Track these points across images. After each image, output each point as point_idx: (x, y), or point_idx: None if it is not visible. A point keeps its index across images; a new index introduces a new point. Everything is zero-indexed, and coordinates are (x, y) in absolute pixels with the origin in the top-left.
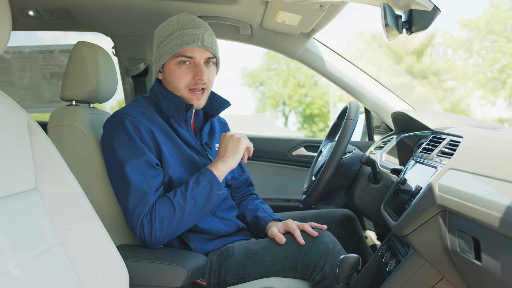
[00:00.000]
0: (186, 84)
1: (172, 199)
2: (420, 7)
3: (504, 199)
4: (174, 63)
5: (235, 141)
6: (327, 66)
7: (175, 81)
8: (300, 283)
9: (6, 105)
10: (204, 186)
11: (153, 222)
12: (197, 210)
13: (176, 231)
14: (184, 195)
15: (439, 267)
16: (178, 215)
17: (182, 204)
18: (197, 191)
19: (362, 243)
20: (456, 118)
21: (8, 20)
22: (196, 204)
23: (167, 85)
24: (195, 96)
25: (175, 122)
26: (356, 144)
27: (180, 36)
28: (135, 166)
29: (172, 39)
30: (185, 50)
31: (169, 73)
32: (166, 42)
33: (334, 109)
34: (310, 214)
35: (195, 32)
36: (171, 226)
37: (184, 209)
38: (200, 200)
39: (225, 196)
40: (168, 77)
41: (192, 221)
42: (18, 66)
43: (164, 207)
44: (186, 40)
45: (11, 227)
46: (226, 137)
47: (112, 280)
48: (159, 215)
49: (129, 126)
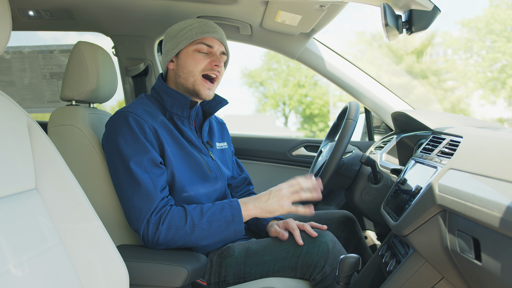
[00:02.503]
0: (202, 68)
1: (188, 212)
2: (420, 7)
3: (504, 199)
4: (192, 49)
5: (279, 200)
6: (327, 66)
7: (191, 65)
8: (300, 283)
9: (6, 105)
10: (226, 216)
11: (160, 225)
12: (208, 235)
13: (180, 244)
14: (203, 214)
15: (439, 267)
16: (187, 230)
17: (196, 221)
18: (216, 218)
19: (362, 245)
20: (456, 118)
21: (8, 20)
22: (210, 229)
23: (181, 72)
24: (207, 84)
25: (178, 120)
26: (356, 144)
27: (200, 26)
28: (139, 164)
29: (192, 29)
30: (205, 39)
31: (185, 58)
32: (186, 31)
33: (334, 109)
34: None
35: (213, 26)
36: (176, 237)
37: (195, 227)
38: (215, 227)
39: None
40: (183, 62)
41: (199, 242)
42: (18, 66)
43: (176, 217)
44: (206, 29)
45: (11, 227)
46: (278, 190)
47: (112, 280)
48: (168, 222)
49: (133, 124)
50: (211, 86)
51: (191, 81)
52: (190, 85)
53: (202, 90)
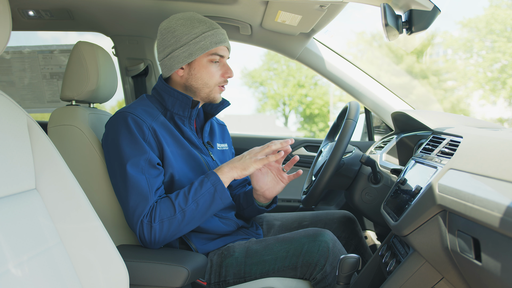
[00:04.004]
0: (217, 81)
1: (173, 200)
2: (420, 7)
3: (504, 199)
4: (207, 60)
5: (251, 158)
6: (327, 66)
7: (206, 78)
8: (300, 283)
9: (6, 105)
10: (208, 189)
11: (152, 223)
12: (199, 213)
13: (177, 233)
14: (186, 197)
15: (439, 267)
16: (179, 217)
17: (183, 206)
18: (200, 194)
19: (362, 245)
20: (456, 118)
21: (8, 20)
22: (198, 207)
23: (195, 82)
24: (221, 90)
25: (179, 120)
26: (356, 144)
27: (213, 35)
28: (136, 165)
29: (206, 37)
30: (219, 49)
31: (199, 69)
32: (199, 39)
33: (334, 109)
34: (310, 215)
35: (223, 32)
36: (171, 227)
37: (185, 211)
38: (202, 203)
39: (230, 200)
40: (197, 73)
41: (194, 224)
42: (18, 66)
43: (165, 208)
44: (219, 39)
45: (11, 227)
46: (251, 151)
47: (112, 280)
48: (159, 216)
49: (131, 125)
50: (223, 90)
51: (206, 91)
52: (204, 94)
53: (217, 97)
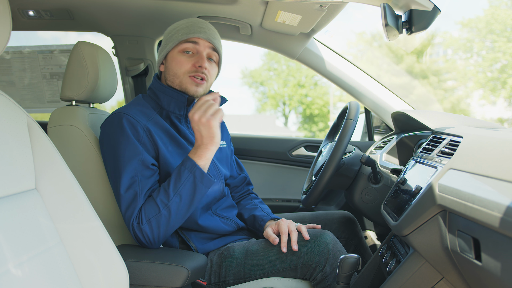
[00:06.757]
0: (186, 70)
1: (155, 198)
2: (420, 7)
3: (504, 199)
4: (177, 50)
5: (205, 125)
6: (327, 66)
7: (176, 68)
8: (300, 283)
9: (6, 105)
10: (187, 177)
11: (141, 225)
12: (185, 204)
13: (169, 229)
14: (167, 191)
15: (439, 267)
16: (164, 213)
17: (165, 201)
18: (180, 185)
19: (362, 245)
20: (456, 118)
21: (8, 20)
22: (182, 199)
23: (168, 75)
24: (195, 81)
25: (175, 118)
26: (356, 144)
27: (187, 27)
28: (129, 166)
29: (179, 30)
30: (191, 39)
31: (171, 60)
32: (173, 33)
33: (334, 109)
34: (310, 215)
35: (202, 26)
36: (161, 225)
37: (169, 206)
38: (185, 194)
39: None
40: (169, 65)
41: (183, 216)
42: (18, 66)
43: (149, 208)
44: (192, 30)
45: (11, 227)
46: (194, 122)
47: (112, 280)
48: (145, 217)
49: (126, 125)
50: (200, 83)
51: (177, 82)
52: (177, 86)
53: (190, 87)
